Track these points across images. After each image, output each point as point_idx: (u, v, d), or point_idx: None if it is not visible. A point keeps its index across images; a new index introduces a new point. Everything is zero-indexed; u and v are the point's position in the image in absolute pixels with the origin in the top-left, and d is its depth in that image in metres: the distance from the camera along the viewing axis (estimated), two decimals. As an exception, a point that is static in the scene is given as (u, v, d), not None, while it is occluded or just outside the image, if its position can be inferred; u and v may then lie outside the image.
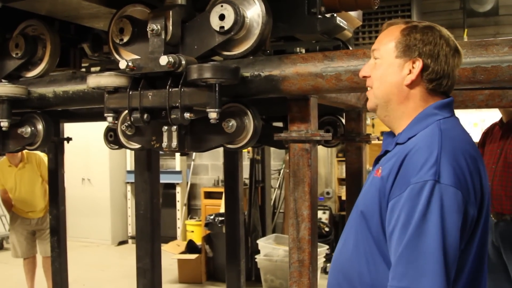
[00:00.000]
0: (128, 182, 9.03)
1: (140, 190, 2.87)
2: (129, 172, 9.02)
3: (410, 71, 1.57)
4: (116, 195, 8.98)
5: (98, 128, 8.07)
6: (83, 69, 3.34)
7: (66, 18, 2.61)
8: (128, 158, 9.04)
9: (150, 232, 2.83)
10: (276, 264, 5.96)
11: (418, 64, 1.55)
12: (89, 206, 8.70)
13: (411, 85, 1.58)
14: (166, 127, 2.19)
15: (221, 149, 2.53)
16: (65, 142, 3.76)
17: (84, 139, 7.81)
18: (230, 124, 2.12)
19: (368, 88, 1.70)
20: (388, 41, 1.61)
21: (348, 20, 2.54)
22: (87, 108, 3.29)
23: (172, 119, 2.09)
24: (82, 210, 8.59)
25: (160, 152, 2.93)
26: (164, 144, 2.20)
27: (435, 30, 1.57)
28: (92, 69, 3.45)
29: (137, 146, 2.42)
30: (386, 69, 1.61)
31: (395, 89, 1.60)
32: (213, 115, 2.01)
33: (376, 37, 5.59)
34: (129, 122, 2.29)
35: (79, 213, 8.50)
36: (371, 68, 1.67)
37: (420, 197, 1.38)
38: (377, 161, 1.67)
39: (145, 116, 2.16)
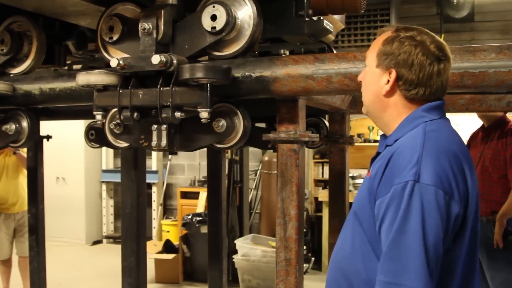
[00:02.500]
0: (103, 181, 8.97)
1: (126, 188, 2.86)
2: (104, 171, 8.96)
3: (388, 81, 1.62)
4: (91, 194, 8.90)
5: (73, 126, 8.08)
6: (65, 67, 3.31)
7: (53, 15, 2.59)
8: (103, 158, 8.98)
9: (136, 231, 2.82)
10: (253, 264, 5.98)
11: (392, 75, 1.60)
12: (64, 205, 8.59)
13: (388, 95, 1.63)
14: (155, 126, 2.19)
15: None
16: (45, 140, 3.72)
17: (59, 138, 7.68)
18: (220, 123, 2.14)
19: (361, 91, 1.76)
20: (373, 50, 1.67)
21: (332, 23, 2.58)
22: (68, 106, 3.27)
23: (162, 118, 2.09)
24: (56, 209, 8.47)
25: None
26: (154, 143, 2.20)
27: (414, 40, 1.59)
28: (74, 66, 3.42)
29: (125, 144, 2.42)
30: (369, 79, 1.68)
31: (376, 98, 1.67)
32: (204, 114, 2.03)
33: (355, 40, 5.60)
34: (117, 121, 2.29)
35: (53, 212, 8.35)
36: (363, 74, 1.74)
37: (402, 197, 1.43)
38: (371, 162, 1.73)
39: (135, 114, 2.16)
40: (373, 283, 1.51)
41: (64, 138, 7.84)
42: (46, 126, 4.94)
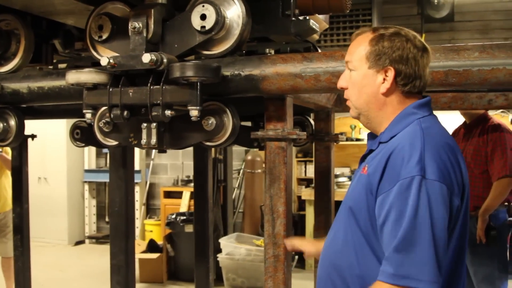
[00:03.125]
0: (85, 181, 8.92)
1: (115, 187, 2.87)
2: (86, 171, 8.90)
3: (384, 79, 1.65)
4: (73, 194, 8.84)
5: (55, 126, 8.03)
6: (50, 66, 3.30)
7: (41, 13, 2.59)
8: (86, 157, 8.93)
9: (125, 229, 2.83)
10: (238, 263, 6.01)
11: (391, 73, 1.63)
12: (46, 205, 8.50)
13: (387, 93, 1.66)
14: (145, 124, 2.21)
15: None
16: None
17: (41, 137, 7.61)
18: (210, 122, 2.17)
19: (346, 97, 1.78)
20: (359, 52, 1.69)
21: (317, 23, 2.62)
22: (53, 105, 3.27)
23: (153, 116, 2.11)
24: (38, 210, 8.36)
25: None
26: (143, 141, 2.22)
27: (401, 36, 1.65)
28: (59, 65, 3.41)
29: (114, 143, 2.43)
30: (361, 81, 1.69)
31: (372, 99, 1.68)
32: (194, 112, 2.05)
33: (338, 39, 5.66)
34: (107, 119, 2.30)
35: (35, 213, 8.15)
36: (347, 79, 1.75)
37: (409, 192, 1.47)
38: (362, 159, 1.75)
39: (125, 113, 2.17)
40: (367, 278, 1.55)
41: (45, 137, 7.78)
42: (27, 126, 4.91)
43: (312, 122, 3.35)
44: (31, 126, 3.37)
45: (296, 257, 6.79)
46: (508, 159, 3.70)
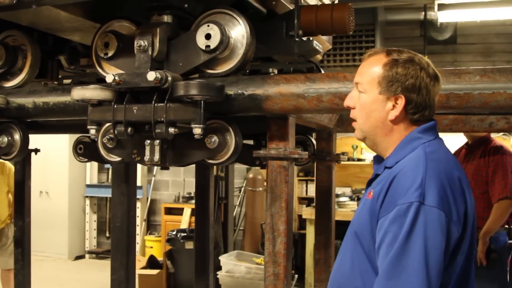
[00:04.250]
0: (87, 196, 8.93)
1: (117, 202, 2.88)
2: (88, 186, 8.92)
3: (393, 106, 1.63)
4: (74, 209, 8.85)
5: (57, 140, 8.05)
6: (56, 81, 3.34)
7: (47, 30, 2.63)
8: (88, 172, 8.94)
9: (126, 244, 2.84)
10: (237, 281, 5.98)
11: (401, 102, 1.62)
12: (46, 219, 8.51)
13: (395, 120, 1.65)
14: (148, 141, 2.23)
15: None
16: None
17: (43, 151, 7.63)
18: (213, 140, 2.18)
19: (352, 117, 1.76)
20: (370, 74, 1.66)
21: (320, 43, 2.65)
22: (57, 120, 3.30)
23: (156, 133, 2.13)
24: (38, 224, 8.31)
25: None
26: (147, 157, 2.23)
27: (415, 63, 1.63)
28: (64, 81, 3.45)
29: (118, 159, 2.44)
30: (371, 105, 1.67)
31: (380, 124, 1.67)
32: (197, 131, 2.07)
33: (341, 60, 5.69)
34: (110, 135, 2.32)
35: (35, 227, 8.09)
36: (355, 100, 1.73)
37: (406, 217, 1.46)
38: (369, 184, 1.75)
39: (129, 129, 2.19)
40: None
41: (48, 151, 7.78)
42: (30, 139, 4.93)
43: (314, 141, 3.37)
44: (33, 139, 3.41)
45: (296, 276, 6.76)
46: (509, 182, 3.72)
